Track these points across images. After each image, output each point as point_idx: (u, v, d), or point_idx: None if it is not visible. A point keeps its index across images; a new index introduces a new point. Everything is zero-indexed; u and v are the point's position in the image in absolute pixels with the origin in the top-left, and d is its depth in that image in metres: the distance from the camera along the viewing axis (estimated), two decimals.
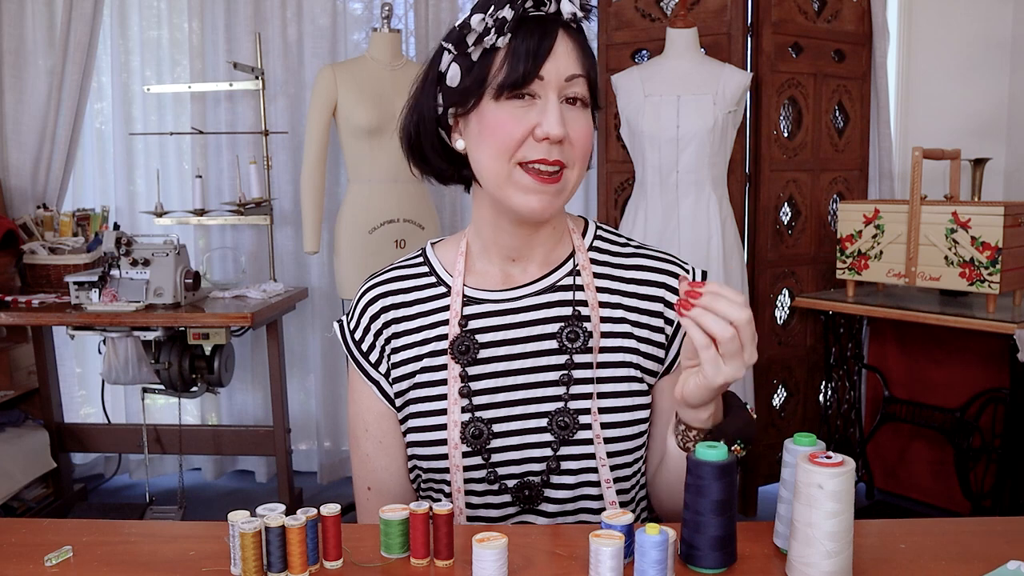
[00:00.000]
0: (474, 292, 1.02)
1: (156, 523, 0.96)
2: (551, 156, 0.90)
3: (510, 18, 0.88)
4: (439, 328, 1.01)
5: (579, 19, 0.92)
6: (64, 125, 2.98)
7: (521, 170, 0.91)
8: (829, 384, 2.86)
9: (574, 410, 0.97)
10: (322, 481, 3.32)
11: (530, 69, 0.89)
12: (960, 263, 2.35)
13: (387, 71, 2.69)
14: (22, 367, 2.92)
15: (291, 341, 3.28)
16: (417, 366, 1.01)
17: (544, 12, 0.91)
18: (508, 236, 1.00)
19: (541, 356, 0.99)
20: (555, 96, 0.90)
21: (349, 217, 2.69)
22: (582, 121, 0.93)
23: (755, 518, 2.88)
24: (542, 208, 0.92)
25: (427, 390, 1.00)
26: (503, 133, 0.90)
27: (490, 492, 0.99)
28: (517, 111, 0.90)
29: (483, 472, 0.98)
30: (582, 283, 1.01)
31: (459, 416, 0.98)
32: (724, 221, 2.54)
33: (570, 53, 0.91)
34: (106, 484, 3.33)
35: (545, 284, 1.02)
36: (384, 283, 1.05)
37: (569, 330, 0.98)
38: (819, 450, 0.79)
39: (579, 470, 0.97)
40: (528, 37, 0.89)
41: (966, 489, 2.54)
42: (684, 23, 2.56)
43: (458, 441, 0.97)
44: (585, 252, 1.03)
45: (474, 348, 0.99)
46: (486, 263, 1.03)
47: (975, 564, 0.80)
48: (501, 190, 0.93)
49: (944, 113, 3.13)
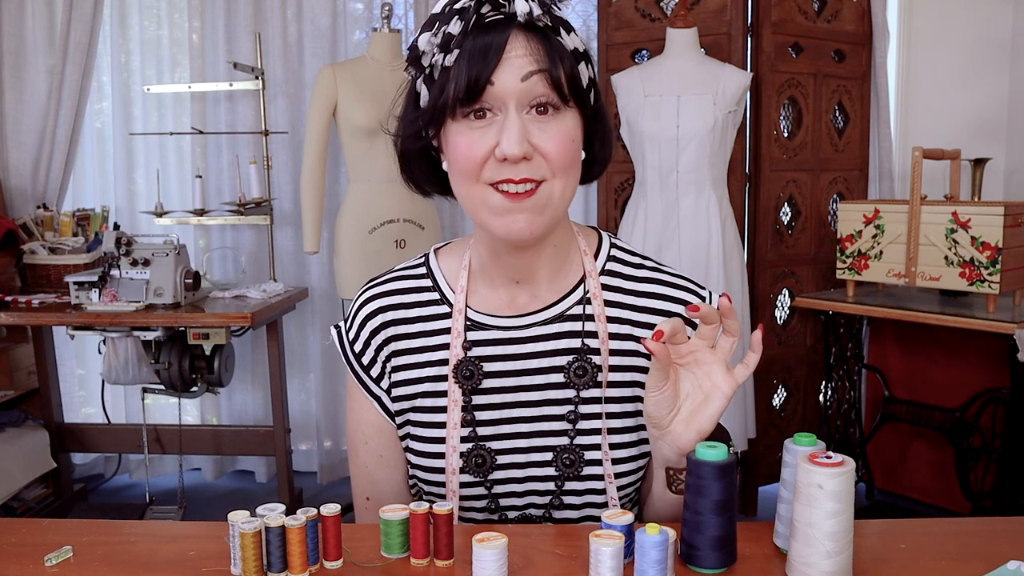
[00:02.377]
0: (479, 316, 0.97)
1: (156, 523, 0.96)
2: (517, 175, 0.83)
3: (457, 32, 0.82)
4: (441, 352, 0.97)
5: (536, 18, 0.82)
6: (64, 125, 2.98)
7: (492, 190, 0.85)
8: (829, 384, 2.86)
9: (580, 447, 0.95)
10: (322, 481, 3.32)
11: (475, 79, 0.81)
12: (960, 263, 2.35)
13: (387, 71, 2.69)
14: (22, 367, 2.92)
15: (291, 341, 3.28)
16: (418, 388, 0.98)
17: (503, 13, 0.83)
18: (507, 258, 0.94)
19: (548, 390, 0.95)
20: (515, 109, 0.82)
21: (349, 217, 2.69)
22: (553, 130, 0.84)
23: (755, 518, 2.88)
24: (521, 229, 0.85)
25: (427, 415, 0.97)
26: (462, 156, 0.84)
27: (489, 521, 0.97)
28: (476, 131, 0.84)
29: (484, 502, 0.97)
30: (592, 312, 0.96)
31: (458, 443, 0.95)
32: (724, 221, 2.54)
33: (526, 54, 0.82)
34: (106, 484, 3.33)
35: (553, 313, 0.96)
36: (385, 295, 1.00)
37: (577, 365, 0.94)
38: (819, 450, 0.79)
39: (583, 505, 0.96)
40: (474, 50, 0.81)
41: (966, 489, 2.54)
42: (684, 23, 2.56)
43: (456, 468, 0.94)
44: (597, 278, 0.97)
45: (478, 375, 0.94)
46: (489, 287, 0.97)
47: (975, 564, 0.80)
48: (477, 215, 0.87)
49: (944, 113, 3.13)
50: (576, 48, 0.86)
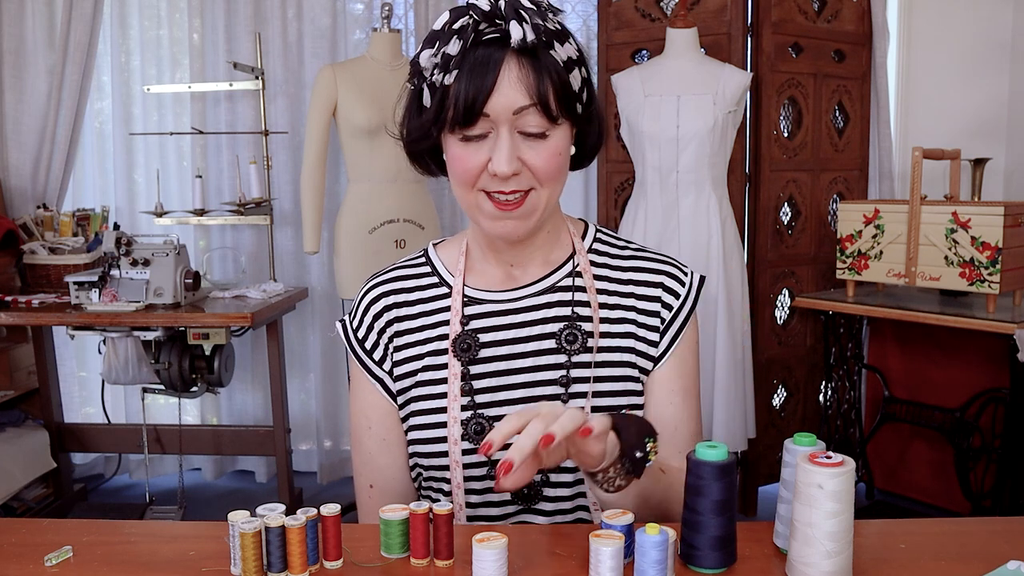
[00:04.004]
0: (475, 292, 1.03)
1: (156, 523, 0.96)
2: (507, 188, 0.91)
3: (455, 53, 0.88)
4: (441, 328, 1.02)
5: (531, 45, 0.87)
6: (64, 125, 2.98)
7: (485, 196, 0.93)
8: (829, 384, 2.86)
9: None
10: (322, 481, 3.32)
11: (472, 109, 0.88)
12: (960, 263, 2.35)
13: (387, 71, 2.69)
14: (22, 367, 2.92)
15: (291, 341, 3.28)
16: (419, 364, 1.02)
17: (499, 32, 0.88)
18: (502, 246, 1.01)
19: (541, 356, 1.00)
20: (506, 130, 0.89)
21: (349, 217, 2.69)
22: (542, 148, 0.91)
23: (755, 518, 2.88)
24: (510, 231, 0.94)
25: (428, 388, 1.01)
26: (459, 168, 0.93)
27: (490, 490, 0.99)
28: (471, 146, 0.91)
29: (484, 470, 0.99)
30: (582, 284, 1.02)
31: (459, 413, 0.99)
32: (724, 221, 2.54)
33: (518, 83, 0.88)
34: (106, 484, 3.33)
35: (545, 285, 1.03)
36: (386, 282, 1.06)
37: (568, 332, 0.99)
38: (819, 450, 0.79)
39: (576, 468, 0.98)
40: (471, 73, 0.87)
41: (966, 489, 2.54)
42: (684, 23, 2.56)
43: (458, 438, 0.98)
44: (585, 254, 1.04)
45: (475, 346, 1.00)
46: (486, 264, 1.04)
47: (975, 564, 0.80)
48: (471, 215, 0.97)
49: (944, 113, 3.13)
50: (570, 57, 0.91)
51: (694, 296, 1.03)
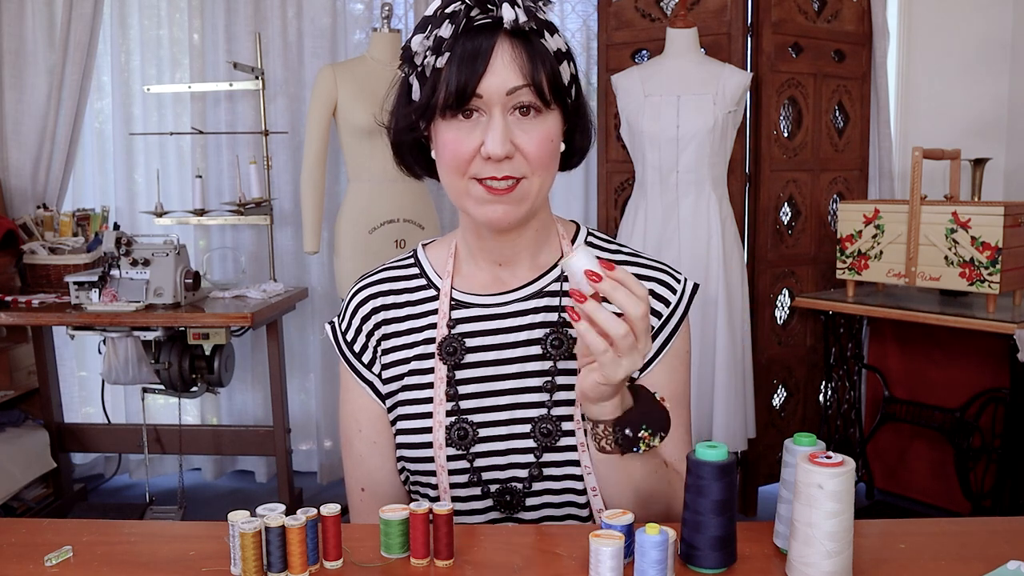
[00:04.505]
0: (463, 296, 1.02)
1: (156, 523, 0.96)
2: (500, 173, 0.90)
3: (447, 36, 0.87)
4: (428, 331, 1.02)
5: (523, 26, 0.88)
6: (64, 125, 2.98)
7: (476, 183, 0.92)
8: (829, 384, 2.86)
9: (557, 417, 0.97)
10: (322, 481, 3.32)
11: (464, 91, 0.87)
12: (960, 263, 2.35)
13: (387, 71, 2.69)
14: (22, 367, 2.92)
15: (291, 341, 3.28)
16: (406, 368, 1.02)
17: (491, 18, 0.88)
18: (491, 242, 1.00)
19: (527, 362, 0.99)
20: (499, 111, 0.89)
21: (349, 217, 2.69)
22: (535, 131, 0.90)
23: (755, 518, 2.88)
24: (499, 218, 0.92)
25: (415, 392, 1.01)
26: (450, 153, 0.91)
27: (473, 496, 0.99)
28: (463, 130, 0.90)
29: (467, 476, 0.98)
30: (569, 289, 1.01)
31: (444, 418, 0.98)
32: (724, 221, 2.54)
33: (511, 64, 0.88)
34: (106, 484, 3.33)
35: (533, 289, 1.01)
36: (375, 284, 1.06)
37: (554, 337, 0.98)
38: (819, 450, 0.79)
39: (562, 476, 0.97)
40: (464, 55, 0.87)
41: (966, 489, 2.54)
42: (684, 23, 2.56)
43: (443, 442, 0.97)
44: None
45: (461, 350, 0.99)
46: (474, 267, 1.03)
47: (975, 564, 0.80)
48: (461, 202, 0.95)
49: (944, 113, 3.13)
50: (559, 48, 0.92)
51: (685, 304, 1.01)
